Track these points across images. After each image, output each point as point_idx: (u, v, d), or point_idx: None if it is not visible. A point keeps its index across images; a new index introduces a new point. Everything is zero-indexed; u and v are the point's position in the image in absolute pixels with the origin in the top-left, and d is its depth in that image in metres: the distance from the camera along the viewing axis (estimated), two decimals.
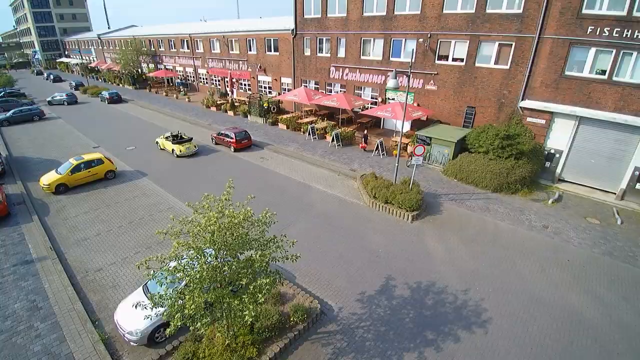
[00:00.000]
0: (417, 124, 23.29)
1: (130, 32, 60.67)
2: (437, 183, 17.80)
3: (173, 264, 6.53)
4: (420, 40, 22.18)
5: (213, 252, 6.41)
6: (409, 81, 15.44)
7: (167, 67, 48.77)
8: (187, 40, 43.03)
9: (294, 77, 31.59)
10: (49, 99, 39.33)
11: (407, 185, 15.45)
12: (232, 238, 6.40)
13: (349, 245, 12.78)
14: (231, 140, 22.21)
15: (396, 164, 15.42)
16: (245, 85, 37.64)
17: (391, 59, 24.63)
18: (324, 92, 29.17)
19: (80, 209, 15.29)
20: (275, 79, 33.54)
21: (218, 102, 34.38)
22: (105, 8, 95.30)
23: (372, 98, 26.85)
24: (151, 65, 52.03)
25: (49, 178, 16.57)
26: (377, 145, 21.21)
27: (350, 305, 10.03)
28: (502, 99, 20.32)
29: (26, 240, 12.92)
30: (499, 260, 12.09)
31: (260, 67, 34.10)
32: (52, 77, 59.56)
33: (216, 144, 23.81)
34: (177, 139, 22.33)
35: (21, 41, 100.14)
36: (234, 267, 6.23)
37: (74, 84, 49.08)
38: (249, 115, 30.29)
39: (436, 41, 21.90)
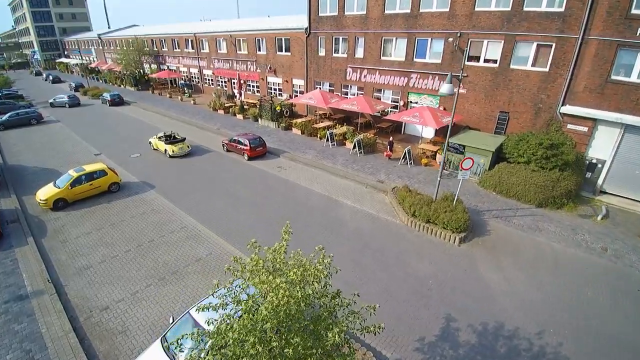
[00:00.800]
0: (442, 130, 21.61)
1: (131, 31, 58.94)
2: (475, 196, 16.12)
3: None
4: (450, 39, 20.51)
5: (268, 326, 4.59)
6: (459, 84, 13.71)
7: (170, 67, 47.06)
8: (191, 40, 41.31)
9: (307, 78, 29.91)
10: (50, 100, 37.59)
11: (450, 202, 13.78)
12: (297, 308, 4.57)
13: (393, 274, 11.09)
14: (245, 147, 20.48)
15: (438, 178, 13.69)
16: (253, 87, 35.94)
17: (415, 59, 22.97)
18: (339, 94, 27.52)
19: (81, 228, 13.56)
20: (286, 81, 31.85)
21: (226, 105, 32.64)
22: (105, 7, 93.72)
23: (392, 101, 25.21)
24: (153, 66, 50.33)
25: (47, 192, 14.83)
26: (405, 153, 19.52)
27: (409, 357, 8.34)
28: (540, 104, 18.70)
29: (20, 268, 11.19)
30: (565, 291, 10.45)
31: (270, 68, 32.41)
32: (51, 77, 57.77)
33: (227, 151, 22.08)
34: (170, 139, 21.97)
35: (20, 41, 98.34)
36: (300, 349, 4.39)
37: (73, 85, 47.32)
38: (259, 119, 28.58)
39: (466, 41, 20.24)
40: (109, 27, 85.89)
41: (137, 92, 45.16)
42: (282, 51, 31.32)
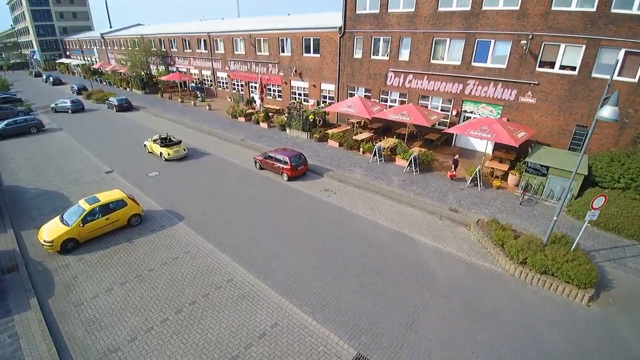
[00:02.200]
0: (504, 144, 18.72)
1: (135, 31, 55.86)
2: (568, 229, 13.15)
3: None
4: (523, 42, 17.58)
5: None
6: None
7: (179, 69, 44.03)
8: (205, 40, 38.28)
9: (338, 83, 26.96)
10: (52, 105, 34.49)
11: (566, 247, 10.85)
12: None
13: (526, 356, 8.12)
14: (285, 166, 17.46)
15: (554, 217, 10.73)
16: (274, 91, 32.95)
17: (473, 63, 20.07)
18: (377, 101, 24.59)
19: (99, 283, 10.50)
20: (314, 85, 28.88)
21: (247, 112, 29.61)
22: (107, 6, 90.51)
23: (441, 110, 22.30)
24: (161, 68, 47.29)
25: (53, 231, 11.73)
26: (476, 173, 16.57)
27: None
28: (625, 119, 15.90)
29: (22, 350, 8.19)
30: None
31: (295, 71, 29.44)
32: (51, 79, 54.52)
33: (261, 168, 19.09)
34: (166, 141, 21.26)
35: (19, 41, 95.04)
36: None
37: (76, 87, 44.19)
38: (288, 129, 25.58)
39: (539, 44, 17.38)
40: (110, 27, 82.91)
41: (145, 95, 42.05)
42: (309, 53, 28.35)
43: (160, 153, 20.61)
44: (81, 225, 11.82)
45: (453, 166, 17.47)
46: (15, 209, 14.94)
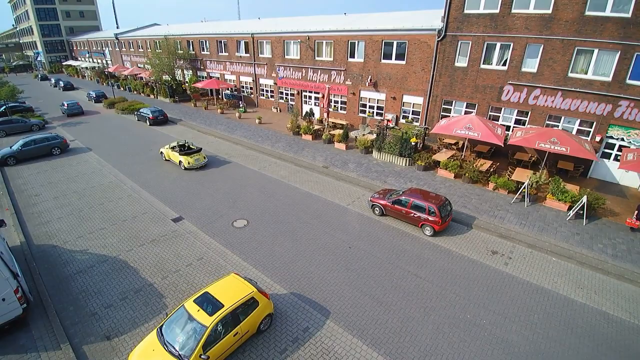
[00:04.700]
0: None
1: (152, 31, 50.85)
2: None
3: None
4: None
5: None
6: None
7: (211, 75, 39.08)
8: (246, 42, 33.39)
9: (430, 95, 22.19)
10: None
11: None
12: None
13: None
14: (430, 217, 12.49)
15: None
16: (336, 102, 28.09)
17: (628, 81, 15.72)
18: (487, 119, 19.86)
19: None
20: (393, 97, 24.08)
21: (315, 128, 24.64)
22: (114, 5, 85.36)
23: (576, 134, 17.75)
24: (188, 72, 42.32)
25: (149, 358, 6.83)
26: None
27: None
28: None
29: None
30: None
31: (370, 80, 24.65)
32: (61, 83, 49.06)
33: (382, 214, 14.21)
34: (185, 149, 20.37)
35: (21, 41, 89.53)
36: None
37: (93, 94, 38.85)
38: (377, 153, 20.68)
39: None
40: (117, 27, 77.78)
41: (175, 105, 36.86)
42: (390, 59, 23.56)
43: (180, 162, 19.59)
44: (203, 357, 6.84)
45: (637, 212, 12.69)
46: (61, 295, 9.84)
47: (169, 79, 40.16)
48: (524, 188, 15.07)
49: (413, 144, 18.85)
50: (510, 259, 11.70)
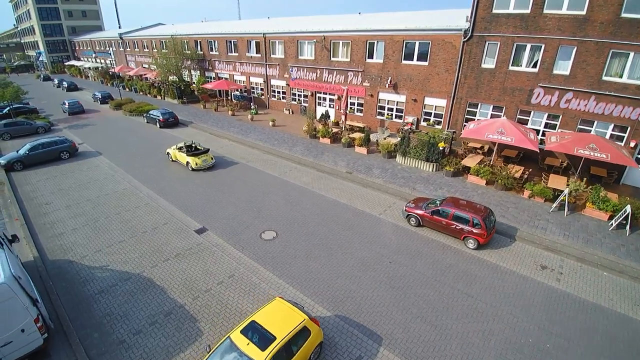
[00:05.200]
0: None
1: (157, 30, 50.00)
2: None
3: None
4: None
5: None
6: None
7: (220, 75, 38.21)
8: (257, 42, 32.54)
9: (454, 97, 21.35)
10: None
11: None
12: None
13: None
14: (475, 230, 11.66)
15: None
16: (352, 104, 27.19)
17: None
18: (515, 122, 19.03)
19: None
20: (414, 99, 23.24)
21: (333, 131, 23.74)
22: (116, 5, 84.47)
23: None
24: (195, 73, 41.44)
25: None
26: None
27: None
28: None
29: None
30: None
31: (390, 81, 23.81)
32: (65, 84, 48.14)
33: (419, 225, 13.36)
34: (192, 149, 20.03)
35: (22, 41, 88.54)
36: None
37: (99, 95, 37.99)
38: (401, 157, 19.81)
39: None
40: (119, 27, 76.87)
41: (183, 106, 35.98)
42: (411, 59, 22.72)
43: (187, 162, 19.26)
44: None
45: None
46: (82, 318, 8.97)
47: (176, 79, 39.29)
48: (564, 196, 14.26)
49: (441, 148, 18.03)
50: (561, 274, 10.87)
